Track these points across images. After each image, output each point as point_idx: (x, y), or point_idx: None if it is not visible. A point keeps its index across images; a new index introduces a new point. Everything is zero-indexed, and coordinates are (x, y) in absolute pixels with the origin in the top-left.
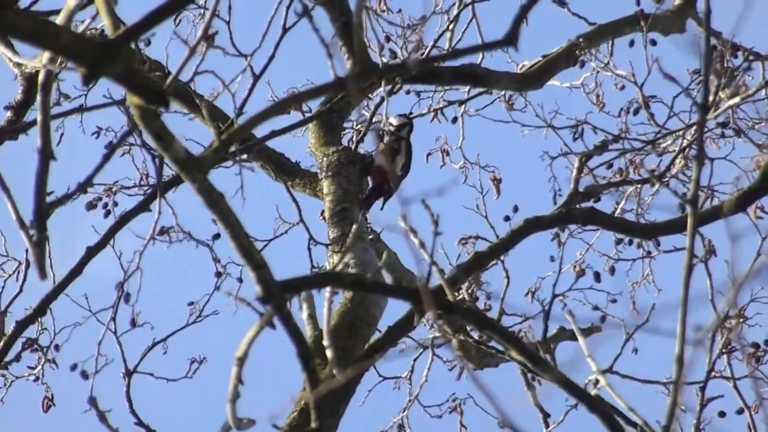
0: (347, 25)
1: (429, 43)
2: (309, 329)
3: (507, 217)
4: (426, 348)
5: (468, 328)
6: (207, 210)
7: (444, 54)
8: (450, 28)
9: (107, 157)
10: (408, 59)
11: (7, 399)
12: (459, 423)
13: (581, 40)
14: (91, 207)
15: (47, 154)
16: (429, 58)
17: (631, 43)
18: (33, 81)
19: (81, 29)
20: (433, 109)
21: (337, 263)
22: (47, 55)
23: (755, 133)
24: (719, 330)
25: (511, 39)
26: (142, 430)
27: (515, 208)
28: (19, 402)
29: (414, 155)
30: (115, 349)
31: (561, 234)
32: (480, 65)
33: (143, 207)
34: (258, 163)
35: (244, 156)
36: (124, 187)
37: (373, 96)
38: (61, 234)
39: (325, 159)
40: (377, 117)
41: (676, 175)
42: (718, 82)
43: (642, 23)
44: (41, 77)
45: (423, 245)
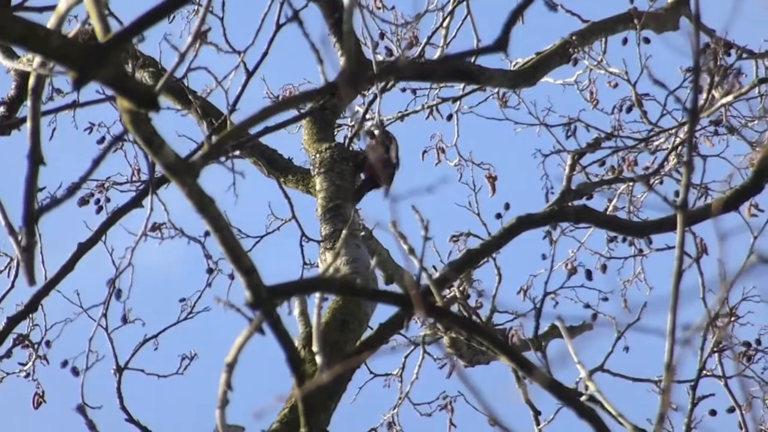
0: (340, 22)
1: (423, 40)
2: (300, 326)
3: (499, 215)
4: (417, 345)
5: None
6: (197, 214)
7: (434, 61)
8: (444, 25)
9: (96, 163)
10: (400, 58)
11: None
12: (449, 421)
13: (574, 37)
14: (83, 203)
15: (37, 159)
16: (417, 61)
17: (625, 41)
18: (26, 77)
19: (74, 31)
20: (428, 106)
21: (331, 262)
22: (38, 60)
23: (748, 131)
24: (710, 329)
25: (502, 44)
26: (133, 426)
27: (507, 205)
28: (10, 398)
29: (410, 153)
30: (107, 346)
31: (553, 232)
32: (474, 62)
33: (135, 203)
34: (250, 159)
35: (236, 152)
36: (116, 183)
37: (367, 93)
38: (53, 230)
39: (318, 155)
40: (370, 114)
41: (669, 173)
42: (710, 80)
43: (635, 21)
44: (32, 81)
45: (413, 252)
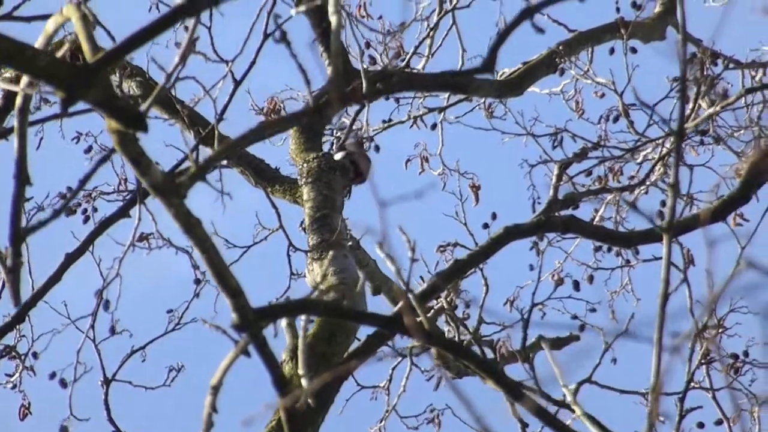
0: (328, 31)
1: (409, 50)
2: (288, 337)
3: (486, 225)
4: (404, 357)
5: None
6: (184, 235)
7: (420, 75)
8: (430, 34)
9: (83, 182)
10: (387, 67)
11: None
12: None
13: (561, 47)
14: (70, 213)
15: (23, 179)
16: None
17: (612, 51)
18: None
19: (63, 51)
20: (413, 116)
21: (321, 277)
22: (25, 79)
23: (734, 141)
24: (698, 340)
25: (489, 66)
26: None
27: (494, 215)
28: None
29: (394, 162)
30: (94, 357)
31: (540, 242)
32: (460, 72)
33: (123, 213)
34: (237, 169)
35: (224, 162)
36: (103, 193)
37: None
38: (39, 240)
39: (306, 165)
40: (357, 123)
41: (654, 183)
42: (697, 89)
43: (622, 31)
44: (19, 101)
45: (400, 273)
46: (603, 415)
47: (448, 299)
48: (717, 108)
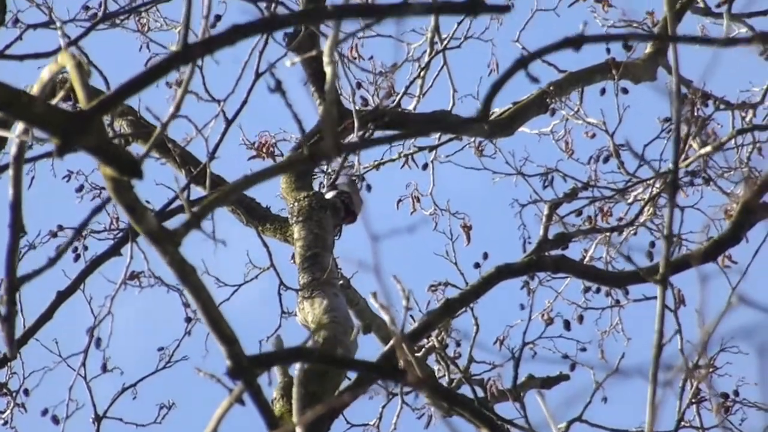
0: (319, 72)
1: (400, 90)
2: (279, 376)
3: (477, 264)
4: (395, 395)
5: (437, 375)
6: (179, 282)
7: (411, 115)
8: (421, 75)
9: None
10: (379, 107)
11: None
12: None
13: (552, 87)
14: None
15: (18, 228)
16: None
17: (603, 91)
18: (3, 125)
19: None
20: (404, 155)
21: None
22: (20, 127)
23: (724, 182)
24: (689, 379)
25: (482, 117)
26: None
27: (485, 255)
28: None
29: (385, 201)
30: (86, 394)
31: (530, 282)
32: (450, 112)
33: (114, 252)
34: (229, 208)
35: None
36: (94, 232)
37: (346, 140)
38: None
39: (296, 204)
40: (348, 162)
41: (644, 224)
42: (687, 130)
43: (613, 71)
44: (14, 150)
45: (394, 322)
46: None
47: (438, 338)
48: (708, 149)
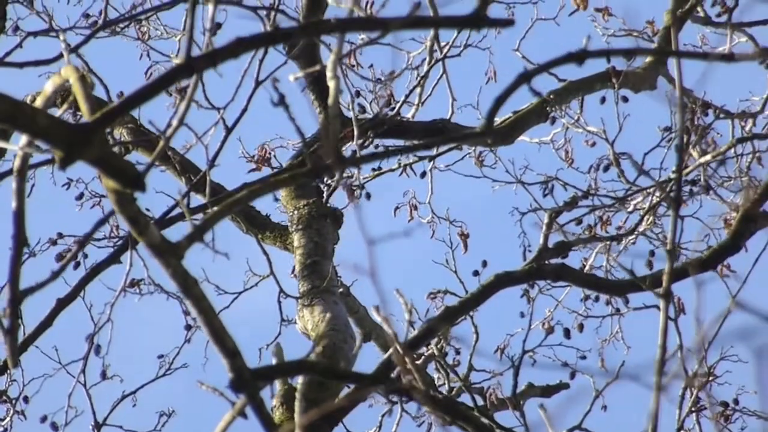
0: (319, 79)
1: (399, 99)
2: (279, 384)
3: (476, 272)
4: (395, 403)
5: (437, 384)
6: (181, 295)
7: (410, 124)
8: (420, 83)
9: (82, 245)
10: (378, 115)
11: None
12: None
13: (552, 96)
14: (61, 258)
15: (21, 240)
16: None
17: (603, 100)
18: (2, 135)
19: (62, 111)
20: (403, 164)
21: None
22: (24, 140)
23: (724, 191)
24: (688, 388)
25: (486, 131)
26: None
27: (484, 263)
28: None
29: (382, 209)
30: (85, 402)
31: (530, 290)
32: (450, 120)
33: (114, 259)
34: (229, 216)
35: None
36: (94, 239)
37: (345, 149)
38: (30, 283)
39: (296, 212)
40: (348, 172)
41: (644, 233)
42: (687, 139)
43: (613, 80)
44: (17, 163)
45: (396, 337)
46: None
47: (438, 346)
48: (708, 158)
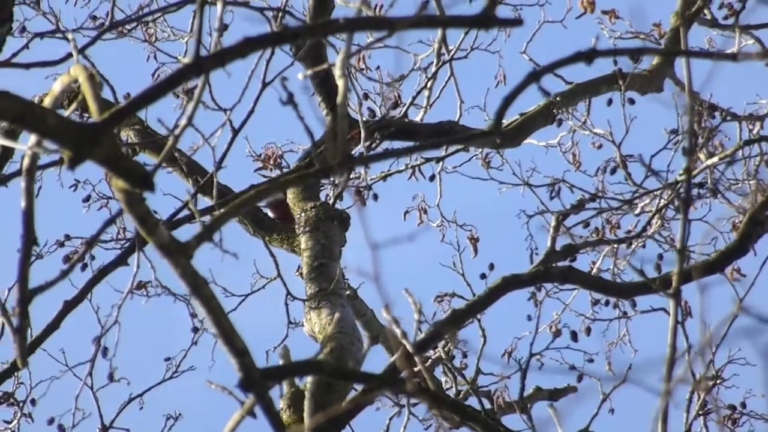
0: (326, 80)
1: (407, 101)
2: (286, 386)
3: (483, 275)
4: (402, 407)
5: (444, 387)
6: (190, 294)
7: (418, 126)
8: (428, 85)
9: (90, 245)
10: (385, 117)
11: None
12: None
13: (558, 98)
14: (69, 260)
15: (30, 239)
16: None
17: (609, 102)
18: (11, 134)
19: (70, 110)
20: (411, 167)
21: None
22: (33, 139)
23: (731, 194)
24: (695, 391)
25: (495, 130)
26: None
27: (491, 266)
28: None
29: (391, 212)
30: (92, 404)
31: (538, 293)
32: (458, 122)
33: (121, 261)
34: (236, 218)
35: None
36: (101, 241)
37: (353, 151)
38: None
39: (303, 214)
40: (355, 173)
41: (652, 235)
42: (695, 141)
43: (620, 82)
44: (26, 162)
45: (405, 336)
46: None
47: (445, 349)
48: (715, 160)
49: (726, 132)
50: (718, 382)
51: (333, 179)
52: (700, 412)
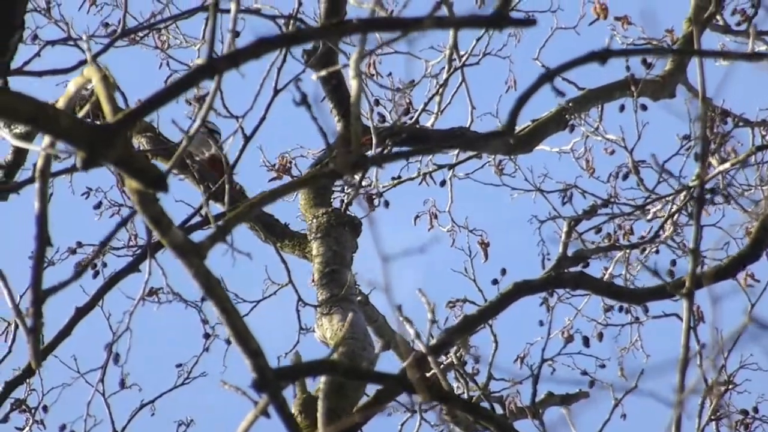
0: (338, 88)
1: (418, 107)
2: (297, 393)
3: (495, 281)
4: (414, 412)
5: (456, 392)
6: (204, 294)
7: (430, 132)
8: (439, 92)
9: (104, 245)
10: (396, 124)
11: None
12: None
13: (571, 104)
14: (81, 267)
15: (44, 240)
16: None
17: (622, 108)
18: (23, 141)
19: (84, 111)
20: (422, 173)
21: (341, 337)
22: (47, 140)
23: (744, 199)
24: (707, 396)
25: (508, 129)
26: None
27: (503, 271)
28: None
29: (403, 218)
30: (104, 411)
31: (550, 298)
32: (469, 128)
33: (133, 268)
34: (247, 225)
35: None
36: (113, 248)
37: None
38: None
39: (315, 221)
40: (367, 179)
41: (664, 241)
42: (707, 146)
43: (632, 88)
44: (40, 163)
45: (419, 336)
46: None
47: (457, 355)
48: (728, 166)
49: (738, 138)
50: (730, 387)
51: (345, 182)
52: (712, 417)
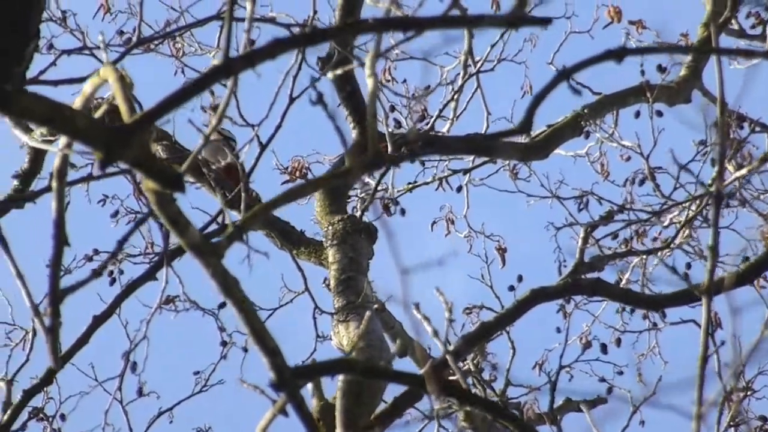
0: (352, 95)
1: (433, 113)
2: (315, 401)
3: (512, 287)
4: (432, 419)
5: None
6: (221, 294)
7: (445, 138)
8: (455, 98)
9: (121, 244)
10: (411, 130)
11: None
12: None
13: (586, 110)
14: (97, 274)
15: (61, 240)
16: (428, 132)
17: (637, 114)
18: (40, 150)
19: (100, 111)
20: (438, 178)
21: (355, 343)
22: (63, 141)
23: (760, 204)
24: (726, 403)
25: (525, 128)
26: None
27: (519, 277)
28: None
29: (420, 224)
30: (122, 419)
31: (566, 305)
32: (485, 134)
33: (150, 276)
34: (263, 232)
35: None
36: (129, 255)
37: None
38: (67, 302)
39: (331, 227)
40: (382, 185)
41: (680, 246)
42: (723, 152)
43: (647, 94)
44: (57, 164)
45: (437, 334)
46: None
47: (474, 362)
48: (744, 172)
49: (754, 142)
50: (748, 393)
51: (361, 187)
52: (731, 423)
